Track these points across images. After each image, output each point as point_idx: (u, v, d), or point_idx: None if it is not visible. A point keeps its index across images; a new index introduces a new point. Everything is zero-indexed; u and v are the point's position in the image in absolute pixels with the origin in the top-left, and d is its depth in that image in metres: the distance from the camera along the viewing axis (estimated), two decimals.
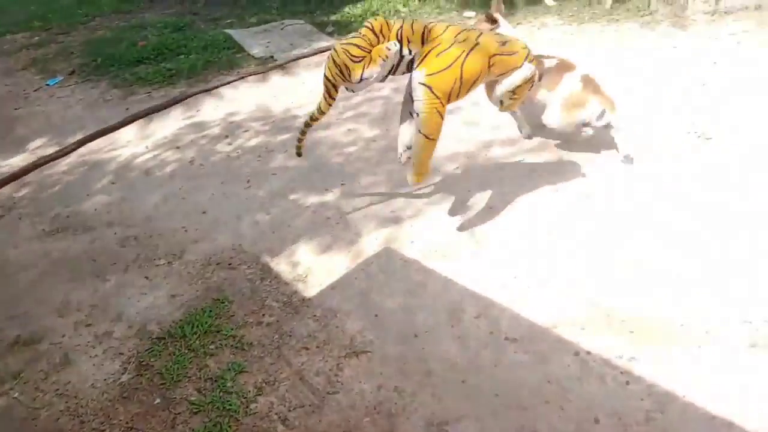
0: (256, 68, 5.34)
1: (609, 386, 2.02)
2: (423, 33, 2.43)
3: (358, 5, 6.74)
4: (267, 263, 2.85)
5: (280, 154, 3.84)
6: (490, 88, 2.68)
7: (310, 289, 2.65)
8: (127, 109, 4.87)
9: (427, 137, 2.49)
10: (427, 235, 2.85)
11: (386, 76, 2.53)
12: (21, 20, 7.98)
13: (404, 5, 6.49)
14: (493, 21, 3.08)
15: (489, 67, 2.46)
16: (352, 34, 2.49)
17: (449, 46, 2.41)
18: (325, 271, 2.73)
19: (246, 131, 4.25)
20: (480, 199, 3.06)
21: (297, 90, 4.86)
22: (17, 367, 2.44)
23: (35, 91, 5.57)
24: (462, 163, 3.42)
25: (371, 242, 2.87)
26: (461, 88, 2.45)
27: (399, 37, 2.42)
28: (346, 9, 6.69)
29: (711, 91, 3.84)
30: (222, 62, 5.47)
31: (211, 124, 4.45)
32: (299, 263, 2.81)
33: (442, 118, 2.47)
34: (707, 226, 2.65)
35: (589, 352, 2.13)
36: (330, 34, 5.98)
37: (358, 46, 2.40)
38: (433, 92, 2.40)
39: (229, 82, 5.08)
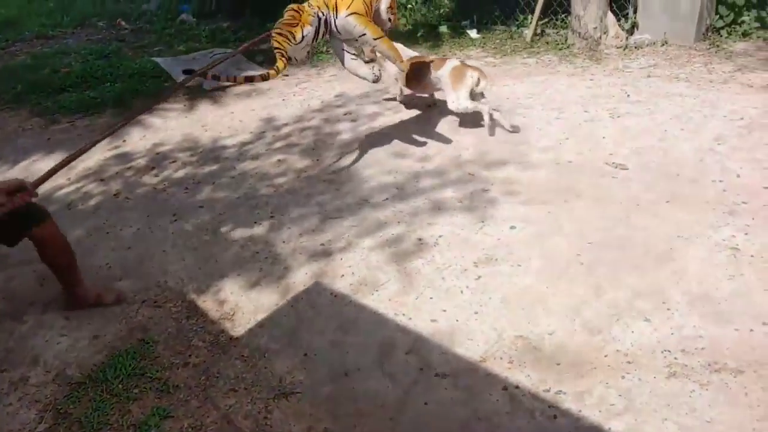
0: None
1: (537, 421, 2.05)
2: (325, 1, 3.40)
3: None
4: (193, 300, 2.78)
5: (208, 186, 3.78)
6: (378, 17, 3.56)
7: (238, 327, 2.59)
8: (48, 139, 4.68)
9: (380, 38, 3.48)
10: (357, 269, 2.86)
11: (315, 38, 3.41)
12: None
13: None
14: None
15: None
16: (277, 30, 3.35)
17: None
18: (252, 308, 2.69)
19: (173, 162, 4.17)
20: (410, 231, 3.10)
21: (225, 120, 4.82)
22: None
23: None
24: (392, 194, 3.46)
25: (301, 277, 2.85)
26: (367, 10, 3.44)
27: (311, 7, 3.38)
28: None
29: (626, 122, 4.07)
30: (149, 91, 5.36)
31: (137, 155, 4.33)
32: (226, 300, 2.76)
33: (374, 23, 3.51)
34: (627, 256, 2.76)
35: (517, 387, 2.17)
36: (260, 64, 5.97)
37: (292, 18, 3.32)
38: (358, 14, 3.36)
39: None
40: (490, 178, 3.52)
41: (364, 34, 3.41)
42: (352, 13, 3.33)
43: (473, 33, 6.29)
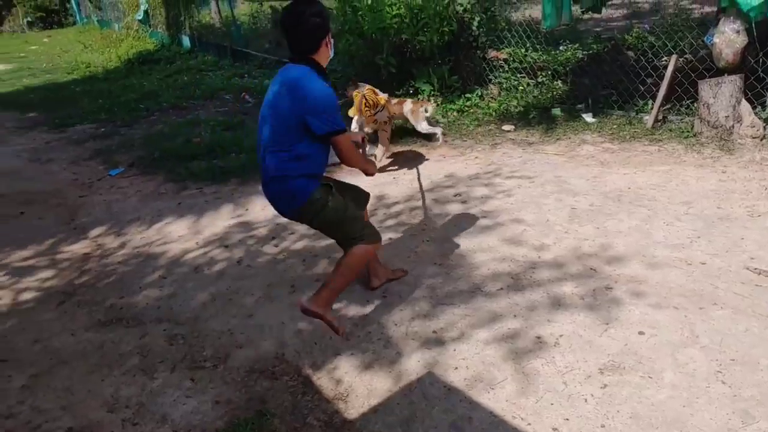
0: None
1: None
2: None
3: None
4: (309, 376, 2.82)
5: (324, 260, 3.89)
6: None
7: (351, 410, 2.59)
8: (179, 203, 5.06)
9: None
10: (472, 363, 2.78)
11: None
12: (90, 112, 8.62)
13: (443, 116, 6.75)
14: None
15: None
16: (366, 92, 5.28)
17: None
18: (366, 392, 2.68)
19: (292, 234, 4.34)
20: (527, 327, 2.99)
21: None
22: None
23: (98, 180, 5.88)
24: (506, 284, 3.38)
25: (413, 364, 2.82)
26: None
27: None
28: None
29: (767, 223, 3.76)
30: None
31: (258, 225, 4.56)
32: (341, 380, 2.77)
33: None
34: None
35: None
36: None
37: (375, 94, 5.29)
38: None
39: None
40: (613, 275, 3.36)
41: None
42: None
43: (588, 117, 6.20)
